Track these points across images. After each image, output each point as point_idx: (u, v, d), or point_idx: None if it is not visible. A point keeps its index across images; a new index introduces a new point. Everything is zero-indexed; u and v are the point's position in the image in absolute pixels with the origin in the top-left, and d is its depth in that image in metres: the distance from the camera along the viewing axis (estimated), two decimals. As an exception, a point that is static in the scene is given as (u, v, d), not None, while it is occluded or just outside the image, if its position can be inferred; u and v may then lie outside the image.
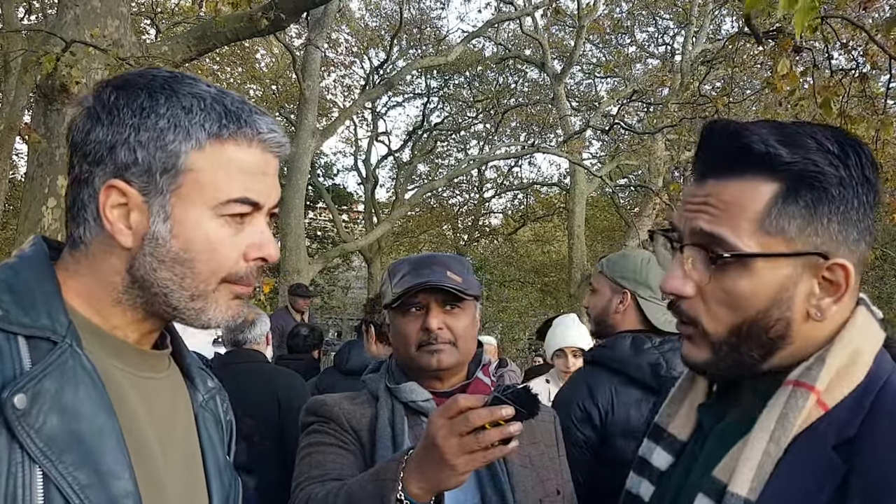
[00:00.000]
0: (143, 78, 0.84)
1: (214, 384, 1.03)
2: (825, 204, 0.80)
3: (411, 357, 1.45)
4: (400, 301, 1.45)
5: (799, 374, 0.82)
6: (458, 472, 1.05)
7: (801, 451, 0.79)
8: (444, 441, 1.03)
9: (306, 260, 11.32)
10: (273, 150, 0.87)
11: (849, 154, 0.81)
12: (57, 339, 0.77)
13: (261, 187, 0.86)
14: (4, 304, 0.76)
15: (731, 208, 0.82)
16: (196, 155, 0.82)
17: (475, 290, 1.48)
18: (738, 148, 0.82)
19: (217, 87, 0.86)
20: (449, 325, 1.44)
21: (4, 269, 0.81)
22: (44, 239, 0.89)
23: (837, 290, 0.82)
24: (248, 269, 0.87)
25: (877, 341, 0.85)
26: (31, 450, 0.71)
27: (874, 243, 7.36)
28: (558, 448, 1.56)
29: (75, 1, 4.96)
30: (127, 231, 0.82)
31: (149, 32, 11.84)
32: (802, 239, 0.81)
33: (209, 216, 0.83)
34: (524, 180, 20.80)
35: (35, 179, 4.85)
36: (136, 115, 0.81)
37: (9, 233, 12.65)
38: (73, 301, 0.84)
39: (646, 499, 0.97)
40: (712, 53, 12.13)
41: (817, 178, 0.80)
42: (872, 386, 0.80)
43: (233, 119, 0.83)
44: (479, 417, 1.02)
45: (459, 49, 13.04)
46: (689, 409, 0.97)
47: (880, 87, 6.69)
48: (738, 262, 0.82)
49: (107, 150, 0.81)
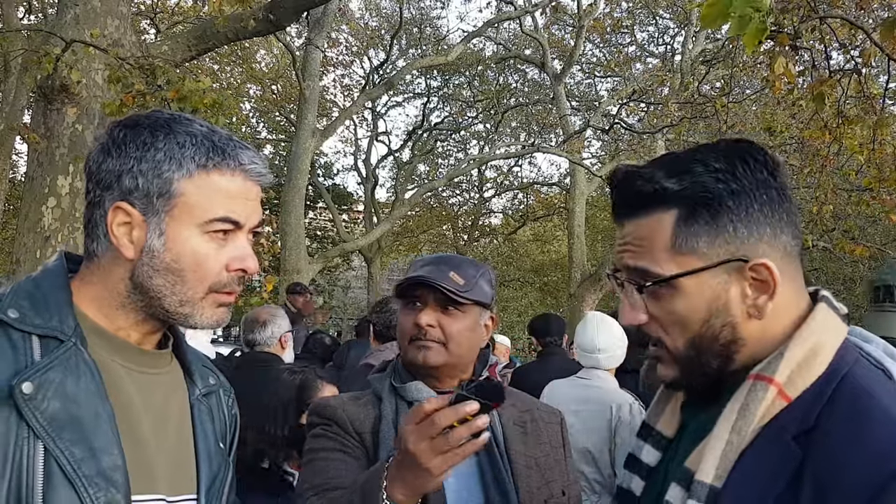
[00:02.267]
0: (148, 119, 1.00)
1: (216, 381, 1.16)
2: (723, 215, 0.89)
3: (404, 349, 1.47)
4: (399, 292, 1.48)
5: (760, 368, 0.89)
6: (435, 474, 1.08)
7: (763, 441, 0.85)
8: (415, 447, 1.07)
9: (306, 260, 11.32)
10: (253, 178, 1.02)
11: (736, 165, 0.90)
12: (64, 338, 0.92)
13: (241, 209, 1.00)
14: (23, 308, 0.93)
15: (645, 243, 0.93)
16: (186, 182, 0.97)
17: (481, 296, 1.47)
18: (633, 193, 0.94)
19: (209, 126, 1.02)
20: (442, 325, 1.44)
21: (29, 280, 0.99)
22: (66, 254, 1.05)
23: (767, 287, 0.88)
24: (230, 279, 1.01)
25: (838, 335, 0.90)
26: (36, 427, 0.86)
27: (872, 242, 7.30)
28: (564, 449, 1.56)
29: (75, 1, 4.96)
30: (129, 245, 0.98)
31: (149, 32, 11.84)
32: (714, 251, 0.89)
33: (196, 233, 0.98)
34: (524, 180, 20.80)
35: (35, 179, 4.85)
36: (139, 148, 0.98)
37: (9, 233, 12.65)
38: (85, 306, 0.99)
39: (637, 493, 1.02)
40: (712, 53, 12.13)
41: (707, 196, 0.89)
42: (833, 378, 0.85)
43: (218, 152, 0.99)
44: (445, 418, 1.05)
45: (459, 49, 13.04)
46: (674, 408, 1.03)
47: (879, 88, 6.69)
48: (667, 286, 0.91)
49: (115, 178, 0.98)
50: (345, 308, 24.48)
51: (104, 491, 0.88)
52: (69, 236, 4.75)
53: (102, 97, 4.88)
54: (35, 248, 4.68)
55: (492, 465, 1.42)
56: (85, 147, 4.83)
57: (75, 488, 0.86)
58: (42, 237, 4.70)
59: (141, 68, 4.42)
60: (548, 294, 21.49)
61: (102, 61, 4.83)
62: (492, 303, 1.53)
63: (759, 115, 10.27)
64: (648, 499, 1.00)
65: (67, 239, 4.73)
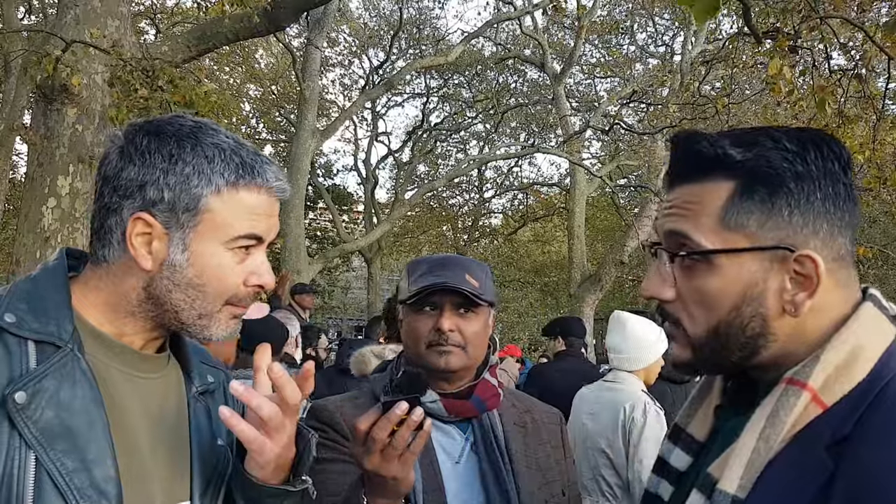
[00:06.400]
0: (171, 126, 0.98)
1: (216, 379, 1.14)
2: (782, 197, 0.82)
3: (420, 355, 1.45)
4: (415, 299, 1.45)
5: (794, 372, 0.82)
6: (400, 478, 1.11)
7: (793, 451, 0.79)
8: (370, 464, 1.10)
9: (306, 260, 11.32)
10: (277, 194, 1.02)
11: (808, 149, 0.83)
12: (61, 343, 0.90)
13: (264, 226, 1.00)
14: (20, 312, 0.90)
15: (693, 207, 0.86)
16: (214, 198, 0.96)
17: (491, 296, 1.48)
18: (694, 153, 0.87)
19: (235, 138, 1.00)
20: (460, 329, 1.43)
21: (27, 280, 0.96)
22: (68, 251, 1.03)
23: (809, 284, 0.82)
24: (247, 293, 1.01)
25: (883, 338, 0.82)
26: (28, 438, 0.84)
27: (874, 243, 7.32)
28: (564, 450, 1.56)
29: (75, 1, 4.96)
30: (147, 256, 0.96)
31: (149, 33, 11.83)
32: (764, 233, 0.83)
33: (221, 249, 0.97)
34: (524, 180, 20.78)
35: (35, 179, 4.85)
36: (166, 160, 0.95)
37: (9, 233, 12.64)
38: (86, 310, 0.97)
39: (665, 498, 0.97)
40: (712, 54, 12.13)
41: (770, 173, 0.83)
42: (874, 384, 0.78)
43: (248, 171, 0.98)
44: (382, 430, 1.07)
45: (459, 49, 13.04)
46: (707, 410, 0.97)
47: (879, 87, 6.69)
48: (704, 261, 0.84)
49: (137, 187, 0.95)
50: (345, 308, 24.44)
51: (96, 503, 0.86)
52: (69, 236, 4.75)
53: (102, 97, 4.88)
54: (35, 249, 4.68)
55: (492, 465, 1.42)
56: (85, 147, 4.82)
57: (66, 500, 0.85)
58: (42, 237, 4.70)
59: (143, 70, 4.42)
60: (548, 294, 21.47)
61: (102, 62, 4.82)
62: (496, 301, 1.53)
63: (760, 114, 10.26)
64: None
65: (67, 239, 4.73)
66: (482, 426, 1.47)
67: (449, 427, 1.46)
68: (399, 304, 1.54)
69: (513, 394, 1.61)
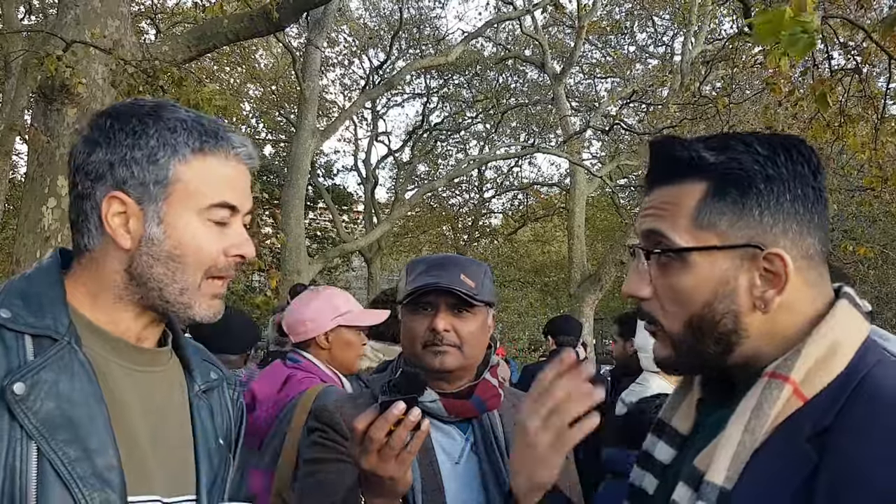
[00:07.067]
0: (132, 107, 0.99)
1: (218, 375, 1.14)
2: (753, 198, 0.87)
3: (416, 355, 1.46)
4: (411, 299, 1.45)
5: (775, 366, 0.85)
6: (397, 478, 1.11)
7: (777, 442, 0.82)
8: (367, 465, 1.10)
9: (306, 260, 11.32)
10: (245, 161, 1.02)
11: (778, 153, 0.88)
12: (58, 336, 0.91)
13: (236, 194, 1.00)
14: (15, 307, 0.91)
15: (669, 208, 0.91)
16: (182, 167, 0.97)
17: (488, 296, 1.47)
18: (670, 157, 0.92)
19: (196, 113, 1.01)
20: (456, 329, 1.43)
21: (21, 278, 0.97)
22: (62, 251, 1.04)
23: (778, 281, 0.86)
24: (228, 264, 1.01)
25: (859, 333, 0.87)
26: (28, 428, 0.85)
27: (874, 243, 7.31)
28: None
29: (75, 1, 4.96)
30: (126, 235, 0.96)
31: (149, 33, 11.83)
32: (734, 232, 0.87)
33: (196, 219, 0.97)
34: (524, 180, 20.78)
35: (35, 179, 4.84)
36: (130, 136, 0.96)
37: (9, 233, 12.64)
38: (79, 304, 0.97)
39: (650, 492, 1.00)
40: (712, 54, 12.12)
41: (741, 175, 0.87)
42: (852, 377, 0.82)
43: (211, 136, 0.99)
44: (380, 430, 1.07)
45: (459, 49, 13.03)
46: (690, 404, 1.00)
47: (880, 87, 6.69)
48: (678, 259, 0.89)
49: (107, 168, 0.96)
50: (345, 308, 24.38)
51: (99, 491, 0.87)
52: (69, 236, 4.73)
53: (102, 97, 4.88)
54: (35, 248, 4.68)
55: (492, 465, 1.42)
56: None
57: (69, 489, 0.85)
58: (42, 237, 4.70)
59: (144, 72, 4.42)
60: (548, 294, 21.47)
61: (103, 62, 4.82)
62: (494, 300, 1.53)
63: (760, 114, 10.25)
64: (662, 498, 0.96)
65: (67, 239, 4.72)
66: (482, 426, 1.46)
67: (449, 427, 1.46)
68: (398, 304, 1.54)
69: (513, 394, 1.61)
